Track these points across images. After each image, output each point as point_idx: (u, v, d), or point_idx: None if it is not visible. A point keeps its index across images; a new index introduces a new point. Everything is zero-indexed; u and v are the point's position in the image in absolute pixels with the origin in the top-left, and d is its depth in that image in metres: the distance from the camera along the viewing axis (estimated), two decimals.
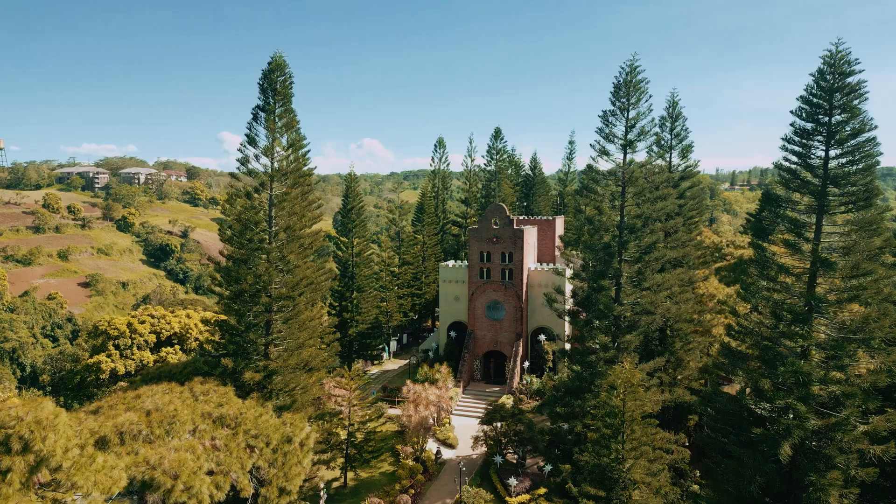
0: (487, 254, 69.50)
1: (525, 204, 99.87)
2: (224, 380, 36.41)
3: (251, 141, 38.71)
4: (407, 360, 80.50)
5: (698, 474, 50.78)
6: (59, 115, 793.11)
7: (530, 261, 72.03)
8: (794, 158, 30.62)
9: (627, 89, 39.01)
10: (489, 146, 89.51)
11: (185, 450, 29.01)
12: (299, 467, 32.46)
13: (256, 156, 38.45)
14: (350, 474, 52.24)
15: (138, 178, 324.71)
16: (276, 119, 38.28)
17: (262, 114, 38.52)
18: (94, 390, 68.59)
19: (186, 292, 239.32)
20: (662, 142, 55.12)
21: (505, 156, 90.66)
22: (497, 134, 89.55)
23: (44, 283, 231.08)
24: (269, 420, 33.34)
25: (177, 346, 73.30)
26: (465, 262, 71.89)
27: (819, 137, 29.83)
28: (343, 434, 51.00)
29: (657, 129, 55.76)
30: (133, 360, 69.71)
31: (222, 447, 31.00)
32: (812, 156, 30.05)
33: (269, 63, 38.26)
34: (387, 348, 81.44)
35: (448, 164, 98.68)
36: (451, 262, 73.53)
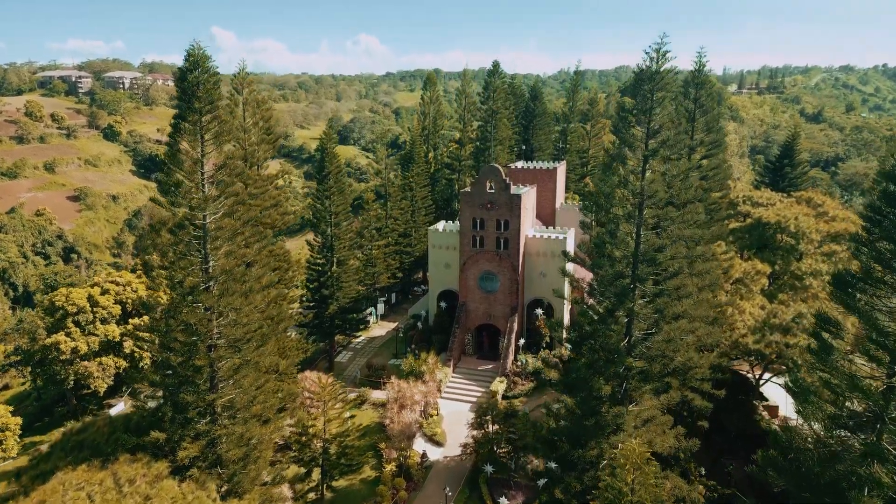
0: (481, 220, 62.16)
1: (524, 143, 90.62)
2: (160, 450, 30.74)
3: (173, 158, 30.25)
4: (395, 324, 75.31)
5: (703, 472, 47.00)
6: (43, 8, 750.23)
7: (528, 226, 64.87)
8: (877, 231, 22.79)
9: (652, 85, 30.42)
10: (486, 82, 79.30)
11: None
12: None
13: (178, 182, 30.05)
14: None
15: (123, 83, 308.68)
16: (202, 130, 29.59)
17: (184, 124, 29.93)
18: (57, 367, 63.76)
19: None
20: (687, 110, 46.75)
21: (502, 94, 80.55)
22: (495, 69, 79.09)
23: (31, 197, 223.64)
24: None
25: (145, 317, 67.58)
26: (457, 223, 64.61)
27: None
28: (319, 446, 46.41)
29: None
30: (97, 335, 64.40)
31: None
32: None
33: (186, 59, 29.22)
34: (374, 311, 75.90)
35: (438, 104, 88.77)
36: (440, 226, 66.35)
